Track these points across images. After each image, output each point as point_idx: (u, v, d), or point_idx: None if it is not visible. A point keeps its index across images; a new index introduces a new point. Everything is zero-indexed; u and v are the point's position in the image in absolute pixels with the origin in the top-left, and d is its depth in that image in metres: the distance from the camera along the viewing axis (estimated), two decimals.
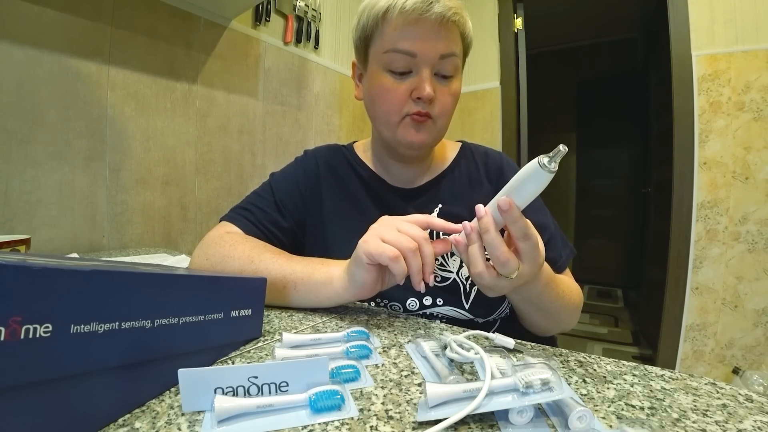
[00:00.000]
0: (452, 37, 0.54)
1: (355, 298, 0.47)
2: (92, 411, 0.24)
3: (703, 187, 1.62)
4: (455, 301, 0.55)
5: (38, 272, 0.20)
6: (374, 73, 0.56)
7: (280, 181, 0.64)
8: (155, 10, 1.15)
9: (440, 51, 0.52)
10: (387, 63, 0.54)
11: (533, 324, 0.56)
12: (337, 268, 0.48)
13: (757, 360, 1.56)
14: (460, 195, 0.63)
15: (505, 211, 0.35)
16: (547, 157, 0.32)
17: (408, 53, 0.52)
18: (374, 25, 0.54)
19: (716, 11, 1.57)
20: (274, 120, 1.59)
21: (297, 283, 0.48)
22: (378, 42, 0.55)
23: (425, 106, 0.54)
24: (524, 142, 2.14)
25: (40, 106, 0.93)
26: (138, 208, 1.14)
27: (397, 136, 0.56)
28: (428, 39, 0.52)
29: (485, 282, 0.39)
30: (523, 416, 0.25)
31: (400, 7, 0.51)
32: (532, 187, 0.34)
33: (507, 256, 0.36)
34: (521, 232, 0.36)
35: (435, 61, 0.53)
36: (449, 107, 0.56)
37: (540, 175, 0.33)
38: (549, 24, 3.13)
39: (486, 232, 0.37)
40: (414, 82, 0.54)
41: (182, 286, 0.30)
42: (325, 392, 0.27)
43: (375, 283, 0.45)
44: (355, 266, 0.44)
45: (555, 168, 0.32)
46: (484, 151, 0.68)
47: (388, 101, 0.55)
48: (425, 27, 0.51)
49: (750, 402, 0.29)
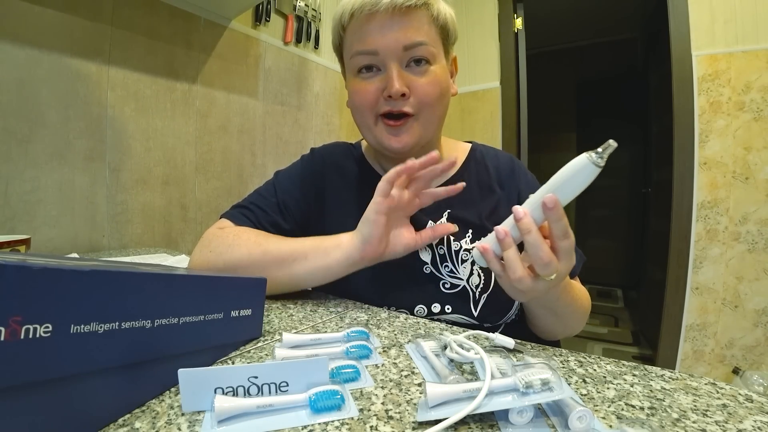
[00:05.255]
0: (415, 25, 0.51)
1: (362, 256, 0.48)
2: (92, 411, 0.24)
3: (703, 187, 1.62)
4: (464, 308, 0.54)
5: (38, 272, 0.20)
6: (349, 81, 0.57)
7: (284, 180, 0.63)
8: (155, 10, 1.15)
9: (401, 42, 0.50)
10: (355, 66, 0.54)
11: (545, 329, 0.55)
12: (346, 234, 0.50)
13: (757, 360, 1.56)
14: (470, 201, 0.60)
15: (550, 209, 0.34)
16: (596, 153, 0.32)
17: (368, 52, 0.52)
18: (339, 36, 0.56)
19: (716, 11, 1.57)
20: (274, 120, 1.59)
21: (308, 253, 0.50)
22: (346, 50, 0.56)
23: (397, 104, 0.52)
24: (524, 142, 2.14)
25: (40, 106, 0.92)
26: (138, 208, 1.14)
27: (379, 141, 0.55)
28: (385, 32, 0.50)
29: (524, 286, 0.37)
30: (523, 416, 0.25)
31: (351, 10, 0.51)
32: (578, 183, 0.34)
33: (550, 256, 0.35)
34: (563, 231, 0.35)
35: (400, 54, 0.51)
36: (430, 96, 0.53)
37: (589, 171, 0.33)
38: (549, 24, 3.13)
39: (528, 232, 0.35)
40: (383, 80, 0.52)
41: (182, 286, 0.30)
42: (325, 392, 0.27)
43: (381, 239, 0.47)
44: (365, 221, 0.47)
45: (603, 163, 0.32)
46: (494, 155, 0.66)
47: (361, 103, 0.55)
48: (379, 21, 0.50)
49: (750, 402, 0.29)
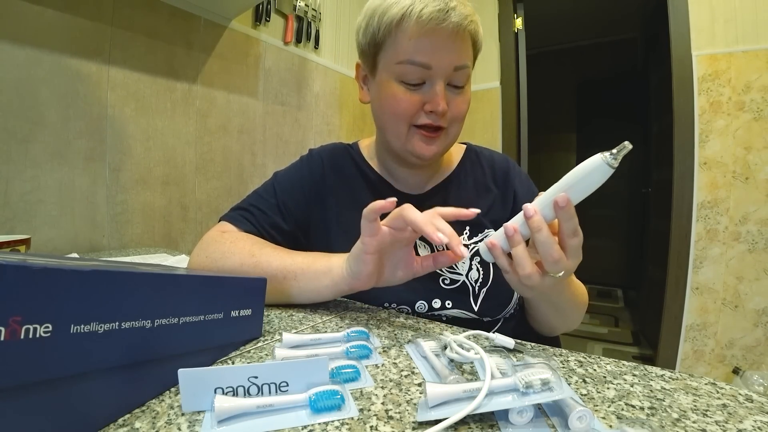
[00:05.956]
0: (465, 47, 0.52)
1: (350, 288, 0.46)
2: (92, 411, 0.24)
3: (704, 187, 1.62)
4: (464, 303, 0.55)
5: (38, 272, 0.20)
6: (385, 82, 0.54)
7: (284, 181, 0.62)
8: (155, 10, 1.15)
9: (454, 63, 0.51)
10: (400, 74, 0.52)
11: (545, 323, 0.55)
12: (338, 258, 0.48)
13: (757, 360, 1.56)
14: (467, 200, 0.61)
15: (562, 208, 0.34)
16: (610, 154, 0.32)
17: (423, 65, 0.50)
18: (386, 33, 0.52)
19: (716, 11, 1.57)
20: (274, 120, 1.59)
21: (298, 274, 0.48)
22: (390, 50, 0.52)
23: (437, 119, 0.53)
24: (524, 142, 2.14)
25: (40, 106, 0.92)
26: (138, 208, 1.14)
27: (406, 146, 0.55)
28: (443, 51, 0.50)
29: (532, 282, 0.37)
30: (523, 416, 0.25)
31: (417, 16, 0.48)
32: (591, 183, 0.34)
33: (560, 253, 0.36)
34: (573, 229, 0.36)
35: (449, 73, 0.52)
36: (462, 114, 0.56)
37: (603, 172, 0.33)
38: (549, 24, 3.13)
39: (539, 231, 0.36)
40: (427, 94, 0.52)
41: (182, 286, 0.30)
42: (325, 392, 0.27)
43: (370, 276, 0.44)
44: (354, 257, 0.44)
45: (616, 165, 0.32)
46: (489, 155, 0.67)
47: (399, 112, 0.53)
48: (441, 38, 0.50)
49: (750, 402, 0.29)
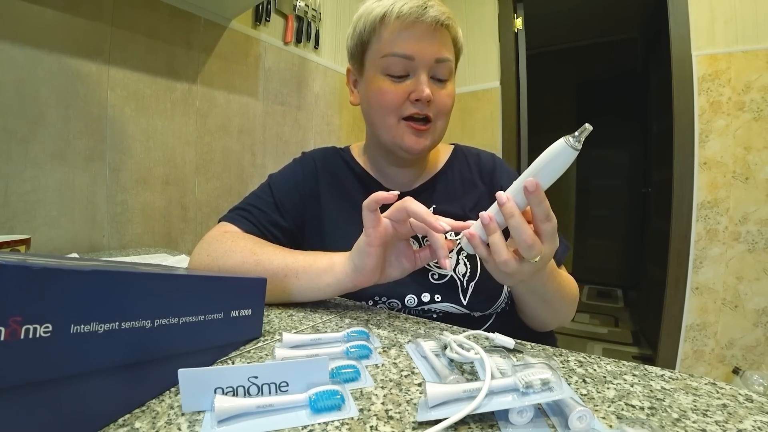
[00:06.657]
0: (445, 42, 0.56)
1: (354, 284, 0.47)
2: (92, 411, 0.24)
3: (703, 187, 1.62)
4: (453, 297, 0.56)
5: (38, 272, 0.20)
6: (372, 78, 0.57)
7: (279, 182, 0.64)
8: (155, 10, 1.15)
9: (436, 54, 0.54)
10: (385, 67, 0.55)
11: (535, 316, 0.56)
12: (340, 256, 0.48)
13: (757, 360, 1.56)
14: (453, 196, 0.64)
15: (531, 192, 0.35)
16: (572, 137, 0.34)
17: (405, 56, 0.54)
18: (371, 31, 0.56)
19: (716, 11, 1.57)
20: (274, 120, 1.59)
21: (299, 272, 0.49)
22: (375, 47, 0.56)
23: (423, 108, 0.55)
24: (524, 142, 2.14)
25: (40, 106, 0.92)
26: (138, 208, 1.14)
27: (395, 139, 0.57)
28: (424, 42, 0.54)
29: (509, 269, 0.38)
30: (523, 416, 0.25)
31: (397, 12, 0.53)
32: (556, 166, 0.35)
33: (534, 238, 0.36)
34: (545, 213, 0.36)
35: (431, 64, 0.55)
36: (447, 108, 0.58)
37: (567, 154, 0.34)
38: (549, 24, 3.13)
39: (511, 216, 0.36)
40: (411, 84, 0.55)
41: (182, 286, 0.30)
42: (325, 392, 0.27)
43: (374, 270, 0.45)
44: (358, 251, 0.45)
45: (579, 147, 0.34)
46: (476, 153, 0.70)
47: (386, 104, 0.56)
48: (421, 30, 0.53)
49: (750, 402, 0.29)
